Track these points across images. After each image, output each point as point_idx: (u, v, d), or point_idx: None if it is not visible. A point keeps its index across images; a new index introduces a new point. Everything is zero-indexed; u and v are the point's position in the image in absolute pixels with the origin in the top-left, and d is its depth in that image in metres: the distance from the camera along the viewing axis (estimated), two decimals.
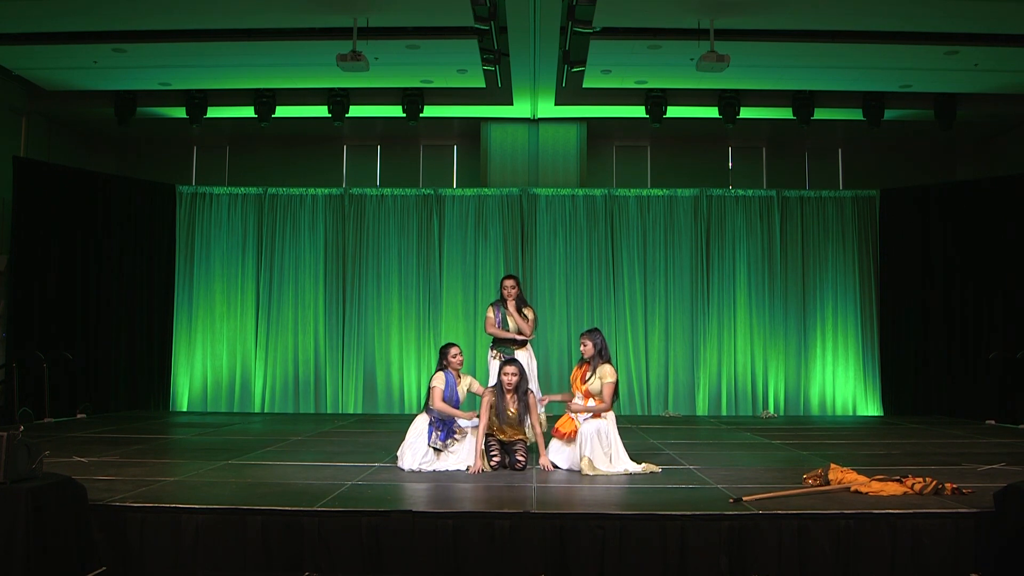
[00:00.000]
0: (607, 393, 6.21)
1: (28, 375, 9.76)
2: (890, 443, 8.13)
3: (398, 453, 6.42)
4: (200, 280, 11.82)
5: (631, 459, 6.25)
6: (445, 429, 6.32)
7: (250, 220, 11.91)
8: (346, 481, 5.67)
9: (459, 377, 6.52)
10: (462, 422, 6.42)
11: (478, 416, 6.34)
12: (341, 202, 11.94)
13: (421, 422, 6.41)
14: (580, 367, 6.49)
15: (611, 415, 6.29)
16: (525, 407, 6.38)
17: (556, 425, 6.42)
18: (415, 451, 6.27)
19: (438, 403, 6.36)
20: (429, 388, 6.47)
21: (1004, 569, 4.40)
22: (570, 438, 6.23)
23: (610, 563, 4.49)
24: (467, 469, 6.19)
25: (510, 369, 6.33)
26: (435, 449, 6.27)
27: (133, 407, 11.19)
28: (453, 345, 6.60)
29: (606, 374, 6.24)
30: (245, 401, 11.67)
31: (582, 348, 6.41)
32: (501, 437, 6.39)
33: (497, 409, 6.33)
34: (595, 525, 4.55)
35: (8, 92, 10.45)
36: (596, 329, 6.54)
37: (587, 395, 6.32)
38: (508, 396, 6.35)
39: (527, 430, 6.51)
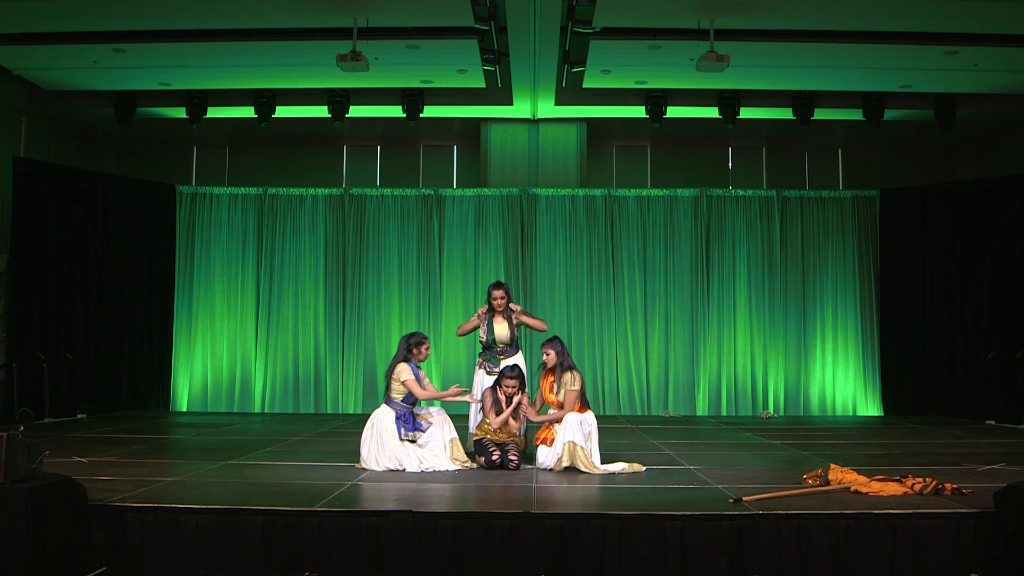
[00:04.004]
0: (569, 400, 6.24)
1: (28, 375, 9.76)
2: (890, 443, 8.13)
3: (362, 455, 6.28)
4: (200, 280, 11.81)
5: (606, 461, 6.23)
6: (411, 420, 6.33)
7: (250, 220, 11.90)
8: (346, 481, 5.67)
9: (419, 371, 6.50)
10: (433, 410, 6.46)
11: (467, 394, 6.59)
12: (341, 202, 11.93)
13: (386, 419, 6.30)
14: (546, 376, 6.46)
15: (591, 416, 6.28)
16: (517, 412, 6.50)
17: (537, 434, 6.45)
18: (390, 450, 6.21)
19: (423, 392, 6.36)
20: (390, 381, 6.38)
21: (1004, 569, 4.39)
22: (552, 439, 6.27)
23: (610, 563, 4.49)
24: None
25: (511, 382, 6.44)
26: (409, 441, 6.28)
27: (133, 407, 11.18)
28: (426, 338, 6.59)
29: (567, 382, 6.27)
30: (245, 401, 11.66)
31: (544, 357, 6.41)
32: (493, 438, 6.44)
33: (496, 411, 6.45)
34: (595, 525, 4.55)
35: (8, 92, 10.44)
36: (556, 337, 6.56)
37: (558, 405, 6.33)
38: (503, 401, 6.48)
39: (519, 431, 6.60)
